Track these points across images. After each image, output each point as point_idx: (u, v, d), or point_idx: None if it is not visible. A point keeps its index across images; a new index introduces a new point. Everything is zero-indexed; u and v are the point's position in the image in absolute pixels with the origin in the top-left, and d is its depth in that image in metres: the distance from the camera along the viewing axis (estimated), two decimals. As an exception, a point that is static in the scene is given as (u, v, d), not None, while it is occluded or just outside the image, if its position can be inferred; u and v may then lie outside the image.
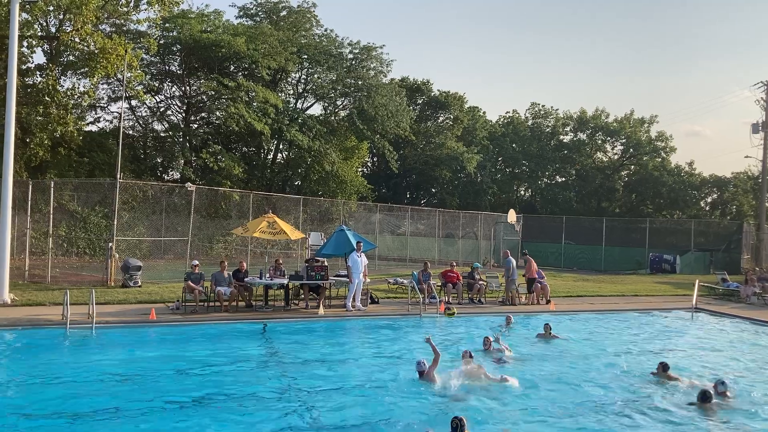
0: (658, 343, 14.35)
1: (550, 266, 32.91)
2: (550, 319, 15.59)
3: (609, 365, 11.80)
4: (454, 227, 36.66)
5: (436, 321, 16.05)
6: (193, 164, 33.73)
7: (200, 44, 33.02)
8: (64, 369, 10.38)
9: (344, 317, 16.18)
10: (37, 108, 24.86)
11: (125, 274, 18.88)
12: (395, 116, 40.22)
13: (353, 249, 17.23)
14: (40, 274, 19.90)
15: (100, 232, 26.76)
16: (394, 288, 20.81)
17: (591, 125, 56.02)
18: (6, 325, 13.09)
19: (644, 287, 25.33)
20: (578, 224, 40.12)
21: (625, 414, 8.91)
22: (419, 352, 11.62)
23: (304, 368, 11.03)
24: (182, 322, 14.45)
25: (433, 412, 8.73)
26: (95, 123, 35.32)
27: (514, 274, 19.34)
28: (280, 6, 40.09)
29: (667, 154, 55.31)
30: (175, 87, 37.33)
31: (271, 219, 18.84)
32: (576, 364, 11.88)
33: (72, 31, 25.46)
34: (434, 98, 53.06)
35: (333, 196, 36.64)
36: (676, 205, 53.96)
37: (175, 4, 28.89)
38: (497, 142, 56.67)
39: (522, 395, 9.68)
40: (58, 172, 27.92)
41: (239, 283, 16.39)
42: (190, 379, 10.14)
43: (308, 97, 41.84)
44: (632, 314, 18.47)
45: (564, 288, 23.49)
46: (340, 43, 39.96)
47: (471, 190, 53.36)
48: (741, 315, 18.58)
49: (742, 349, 14.03)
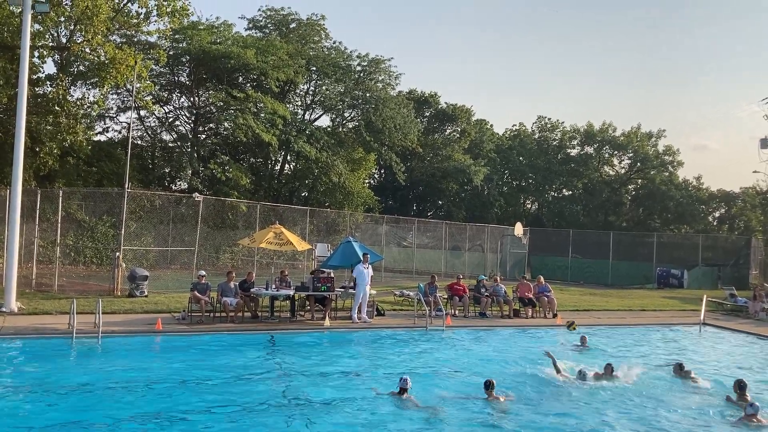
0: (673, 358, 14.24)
1: (556, 280, 32.79)
2: (557, 332, 15.53)
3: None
4: (461, 240, 36.57)
5: (444, 333, 15.96)
6: (201, 174, 33.84)
7: (209, 55, 33.21)
8: (69, 378, 10.36)
9: (350, 329, 16.13)
10: (47, 117, 25.01)
11: (132, 284, 18.89)
12: (402, 128, 40.32)
13: (360, 260, 17.20)
14: (47, 283, 19.94)
15: (107, 241, 26.83)
16: (400, 300, 20.73)
17: (598, 139, 55.98)
18: (13, 334, 13.10)
19: (652, 302, 25.16)
20: (585, 238, 39.97)
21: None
22: (423, 364, 11.57)
23: (308, 380, 10.98)
24: (188, 333, 14.43)
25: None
26: (104, 133, 35.62)
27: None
28: (290, 18, 40.35)
29: (675, 168, 55.24)
30: (184, 98, 37.55)
31: (277, 230, 18.84)
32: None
33: (83, 41, 25.66)
34: (441, 111, 53.14)
35: (340, 208, 36.66)
36: (683, 219, 53.74)
37: (185, 15, 29.10)
38: (504, 155, 56.68)
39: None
40: (67, 181, 28.04)
41: (245, 293, 16.37)
42: (194, 389, 10.11)
43: (316, 108, 42.02)
44: (640, 329, 18.34)
45: (570, 302, 23.36)
46: (348, 55, 40.18)
47: (478, 203, 53.32)
48: (751, 331, 18.43)
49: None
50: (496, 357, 13.46)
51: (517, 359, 13.08)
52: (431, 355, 13.51)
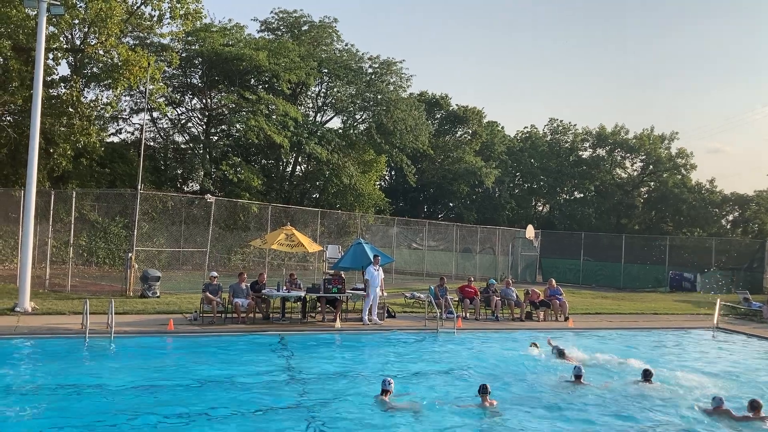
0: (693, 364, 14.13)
1: (568, 283, 32.65)
2: (569, 336, 15.42)
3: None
4: (472, 242, 36.49)
5: (455, 336, 15.94)
6: (213, 176, 33.98)
7: (222, 58, 33.36)
8: (82, 378, 10.43)
9: (360, 330, 16.14)
10: (61, 119, 25.24)
11: (144, 285, 19.00)
12: (414, 130, 40.31)
13: (370, 262, 17.21)
14: (60, 283, 20.10)
15: (120, 242, 27.01)
16: (410, 302, 20.72)
17: (610, 141, 55.62)
18: (27, 334, 13.23)
19: (664, 305, 25.01)
20: (597, 241, 39.76)
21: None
22: (432, 366, 11.55)
23: (318, 381, 11.00)
24: (200, 333, 14.50)
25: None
26: (117, 134, 35.87)
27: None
28: (302, 21, 40.47)
29: (688, 171, 54.79)
30: (196, 99, 37.72)
31: (289, 231, 18.90)
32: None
33: (96, 43, 25.89)
34: (452, 113, 53.03)
35: (351, 209, 36.69)
36: (696, 222, 53.31)
37: (198, 18, 29.28)
38: (515, 157, 56.50)
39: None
40: (80, 182, 28.26)
41: (257, 294, 16.43)
42: (205, 389, 10.15)
43: (327, 110, 42.11)
44: (653, 333, 18.21)
45: (582, 305, 23.25)
46: (360, 57, 40.22)
47: (489, 205, 53.17)
48: (765, 335, 18.26)
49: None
50: (505, 360, 13.40)
51: (525, 362, 13.02)
52: (442, 358, 13.48)
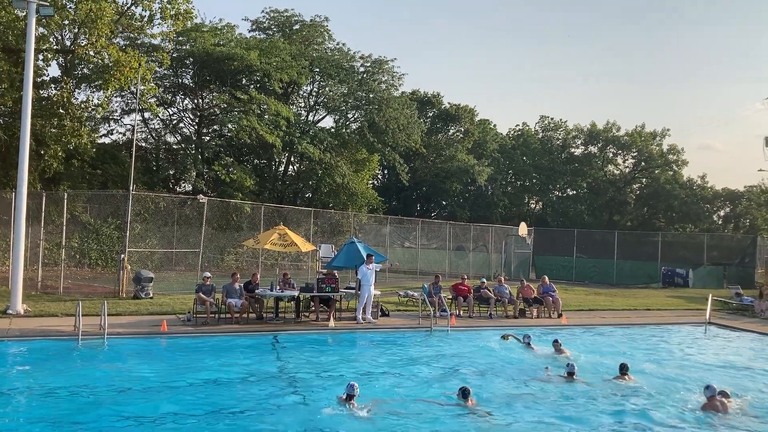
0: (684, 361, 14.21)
1: (561, 279, 32.76)
2: (563, 333, 15.48)
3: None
4: (465, 240, 36.56)
5: (449, 334, 15.97)
6: (205, 176, 33.93)
7: (213, 57, 33.31)
8: (75, 380, 10.39)
9: (354, 329, 16.14)
10: (52, 120, 25.14)
11: (137, 286, 18.94)
12: (406, 129, 40.36)
13: (364, 261, 17.21)
14: (52, 285, 20.01)
15: (112, 243, 26.92)
16: (404, 301, 20.73)
17: (602, 138, 55.90)
18: (19, 336, 13.15)
19: (657, 301, 25.11)
20: (590, 237, 39.91)
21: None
22: (425, 364, 11.55)
23: (312, 380, 11.00)
24: (193, 334, 14.47)
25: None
26: (108, 135, 35.80)
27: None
28: (293, 20, 40.42)
29: (679, 167, 55.13)
30: (188, 100, 37.67)
31: (282, 231, 18.86)
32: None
33: (87, 44, 25.77)
34: (445, 111, 53.12)
35: (343, 209, 36.70)
36: (688, 218, 53.65)
37: (189, 18, 29.19)
38: (508, 155, 56.65)
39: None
40: (72, 183, 28.17)
41: (250, 294, 16.40)
42: (199, 390, 10.13)
43: (319, 109, 42.11)
44: (646, 329, 18.29)
45: (575, 302, 23.32)
46: (351, 56, 40.21)
47: (482, 203, 53.30)
48: (757, 330, 18.37)
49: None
50: (499, 358, 13.44)
51: (518, 361, 13.06)
52: (435, 355, 13.50)
